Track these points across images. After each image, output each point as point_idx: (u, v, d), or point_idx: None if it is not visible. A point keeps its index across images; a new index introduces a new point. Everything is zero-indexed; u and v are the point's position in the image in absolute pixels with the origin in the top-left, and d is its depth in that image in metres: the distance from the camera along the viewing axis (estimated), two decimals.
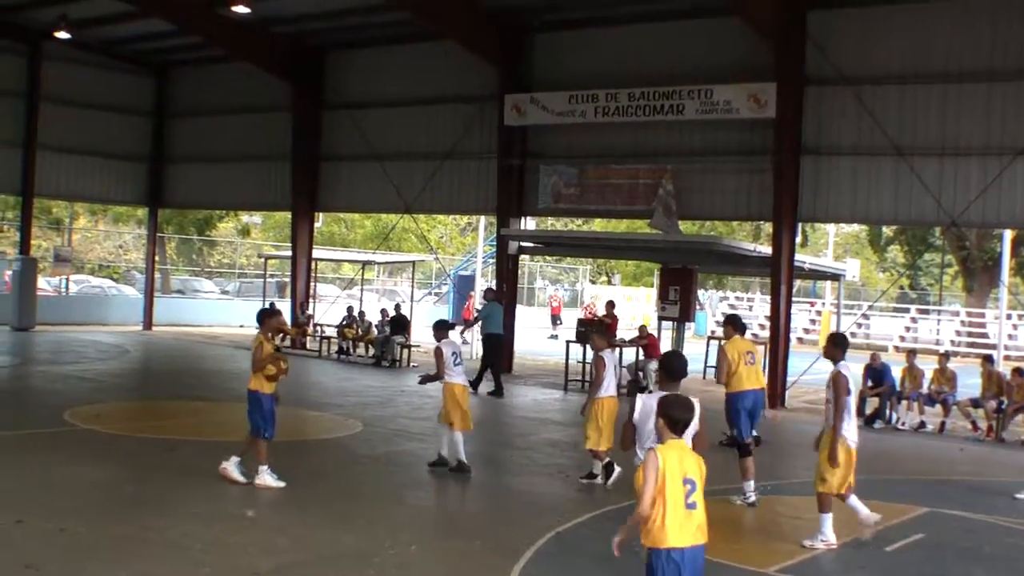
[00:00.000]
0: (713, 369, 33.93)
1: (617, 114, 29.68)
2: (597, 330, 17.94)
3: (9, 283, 41.88)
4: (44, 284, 45.62)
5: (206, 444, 17.41)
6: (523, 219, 33.27)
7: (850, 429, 12.90)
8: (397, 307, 35.43)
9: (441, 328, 16.99)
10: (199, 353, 33.81)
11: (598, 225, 51.79)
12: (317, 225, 42.21)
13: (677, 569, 7.76)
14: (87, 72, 40.44)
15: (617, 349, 28.98)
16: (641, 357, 29.27)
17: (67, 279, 46.17)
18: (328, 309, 40.64)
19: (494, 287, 33.34)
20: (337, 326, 36.40)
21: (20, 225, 42.42)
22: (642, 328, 30.95)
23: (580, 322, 30.85)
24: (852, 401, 13.08)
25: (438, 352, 16.36)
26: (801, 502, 14.13)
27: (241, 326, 43.35)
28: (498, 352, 28.46)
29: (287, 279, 45.65)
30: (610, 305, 31.04)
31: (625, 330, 34.30)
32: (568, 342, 30.02)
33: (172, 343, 36.96)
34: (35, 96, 39.39)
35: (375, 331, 35.04)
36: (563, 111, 30.58)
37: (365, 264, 44.56)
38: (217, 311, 47.06)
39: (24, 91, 39.30)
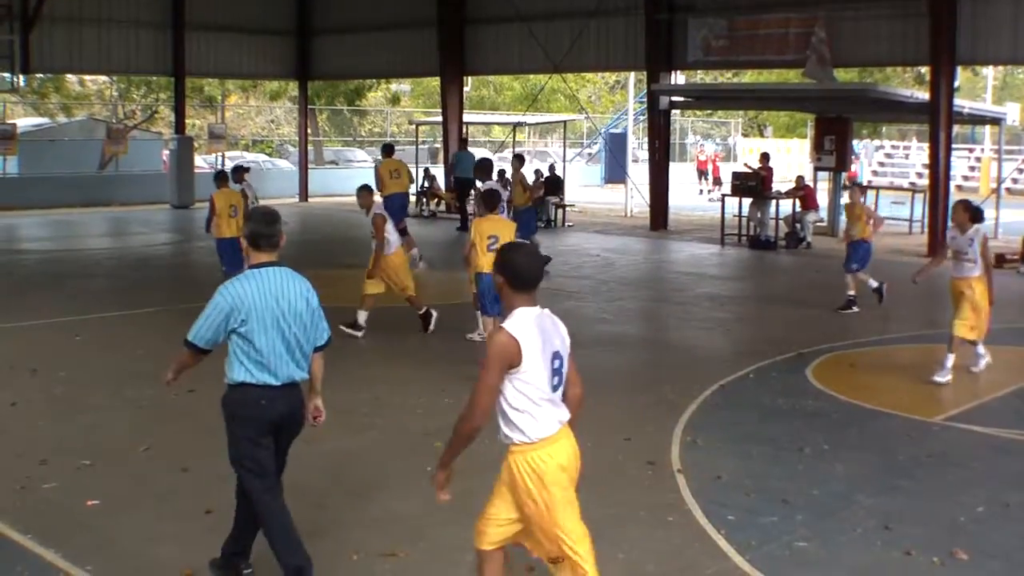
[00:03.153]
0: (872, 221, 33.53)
1: None
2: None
3: (167, 162, 42.62)
4: (200, 162, 46.34)
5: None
6: (673, 74, 32.88)
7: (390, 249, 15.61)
8: (551, 168, 35.41)
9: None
10: (353, 222, 34.02)
11: (749, 77, 50.95)
12: (466, 89, 42.05)
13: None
14: None
15: (774, 201, 28.83)
16: (798, 209, 28.94)
17: (222, 156, 46.82)
18: None
19: (465, 138, 36.79)
20: None
21: (174, 105, 43.06)
22: (799, 179, 30.54)
23: (735, 175, 30.53)
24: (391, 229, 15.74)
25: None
26: (965, 351, 13.89)
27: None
28: (466, 194, 31.94)
29: (439, 145, 45.78)
30: (764, 157, 30.62)
31: (780, 182, 33.85)
32: (724, 196, 29.82)
33: (327, 213, 37.38)
34: None
35: None
36: None
37: (516, 126, 44.44)
38: (371, 180, 47.31)
39: None
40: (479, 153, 47.31)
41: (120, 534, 8.01)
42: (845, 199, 21.74)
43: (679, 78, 33.73)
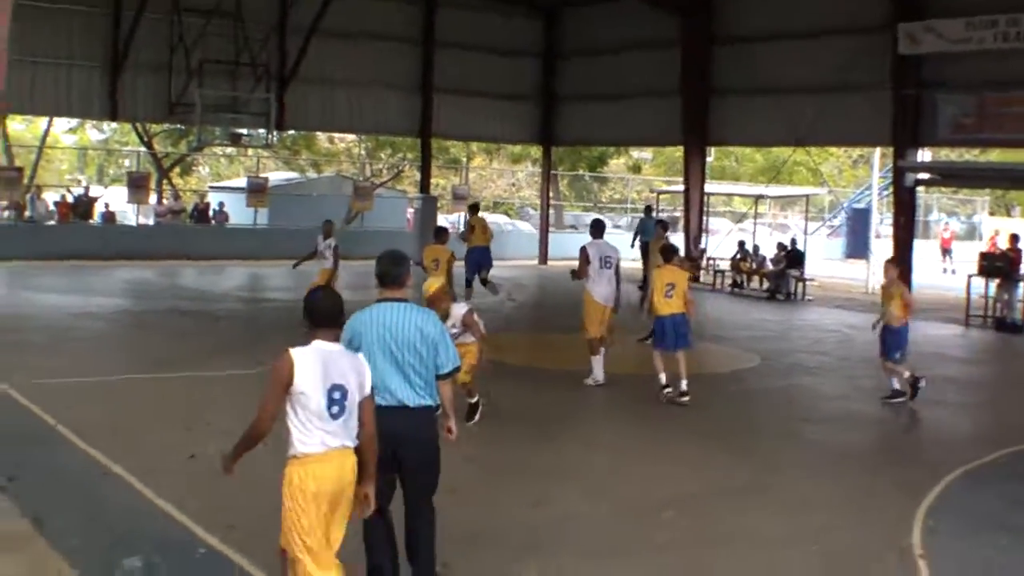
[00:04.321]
0: None
1: (1018, 39, 28.23)
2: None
3: (411, 220, 43.55)
4: (443, 221, 47.23)
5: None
6: (919, 150, 32.30)
7: (596, 290, 16.95)
8: (793, 241, 35.14)
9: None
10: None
11: (996, 156, 49.73)
12: (708, 159, 42.08)
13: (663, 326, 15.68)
14: (479, 17, 41.47)
15: (1022, 284, 28.00)
16: None
17: (465, 216, 47.63)
18: (720, 243, 40.58)
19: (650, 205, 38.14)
20: (731, 260, 36.35)
21: (420, 165, 44.06)
22: None
23: (983, 256, 29.81)
24: (594, 268, 16.94)
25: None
26: None
27: (634, 260, 43.72)
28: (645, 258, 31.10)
29: (679, 214, 45.79)
30: (1014, 239, 29.81)
31: None
32: (969, 276, 29.11)
33: (563, 277, 37.57)
34: (431, 42, 40.79)
35: (768, 265, 34.82)
36: (960, 38, 29.28)
37: (757, 198, 44.22)
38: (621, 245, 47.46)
39: (420, 38, 40.77)
40: (721, 224, 47.36)
41: None
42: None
43: (925, 154, 33.12)
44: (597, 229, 17.91)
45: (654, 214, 35.50)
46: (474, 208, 30.12)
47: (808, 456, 13.47)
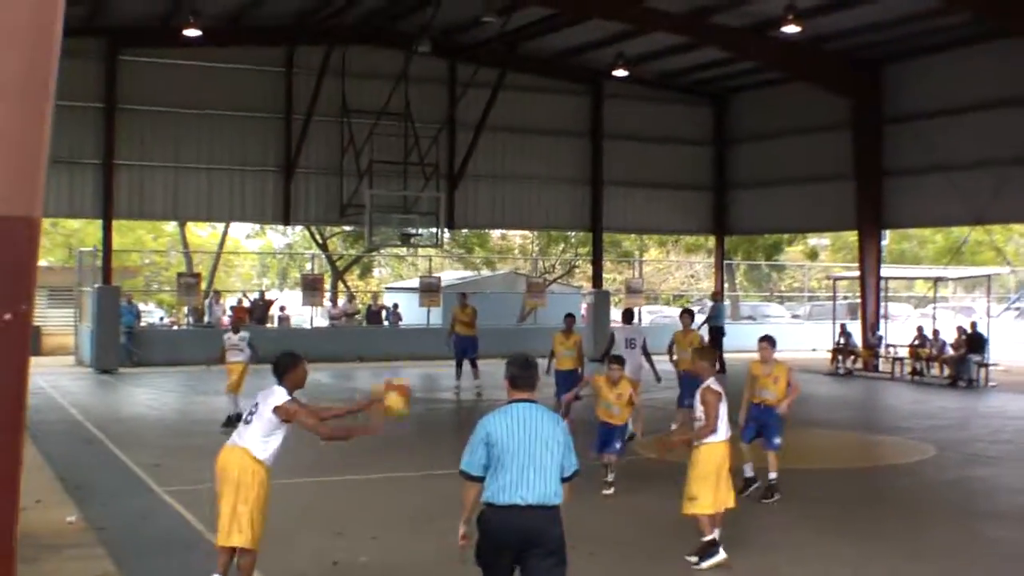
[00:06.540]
0: None
1: None
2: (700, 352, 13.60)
3: (585, 316, 43.42)
4: (617, 315, 47.00)
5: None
6: None
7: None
8: (973, 324, 33.99)
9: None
10: None
11: None
12: (884, 243, 41.16)
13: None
14: (646, 106, 41.53)
15: None
16: None
17: (639, 309, 47.39)
18: (900, 328, 39.54)
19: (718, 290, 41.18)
20: (909, 346, 35.30)
21: (592, 259, 43.98)
22: None
23: None
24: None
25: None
26: None
27: (813, 349, 42.92)
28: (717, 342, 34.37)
29: (858, 300, 44.86)
30: None
31: None
32: None
33: (738, 371, 36.91)
34: (599, 133, 40.93)
35: (948, 350, 33.71)
36: None
37: (937, 280, 43.12)
38: (788, 335, 46.61)
39: (588, 130, 40.99)
40: (901, 309, 46.12)
41: None
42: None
43: None
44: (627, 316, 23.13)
45: (721, 299, 39.74)
46: (463, 296, 31.97)
47: (985, 554, 12.73)
